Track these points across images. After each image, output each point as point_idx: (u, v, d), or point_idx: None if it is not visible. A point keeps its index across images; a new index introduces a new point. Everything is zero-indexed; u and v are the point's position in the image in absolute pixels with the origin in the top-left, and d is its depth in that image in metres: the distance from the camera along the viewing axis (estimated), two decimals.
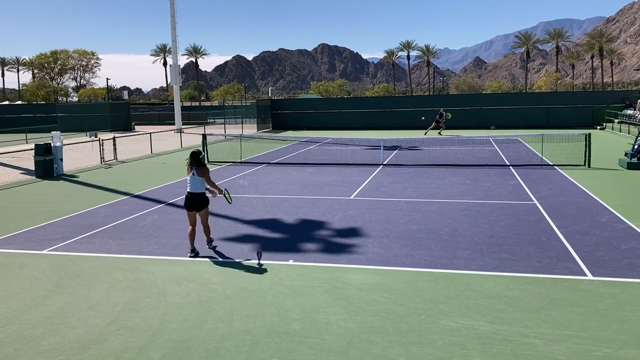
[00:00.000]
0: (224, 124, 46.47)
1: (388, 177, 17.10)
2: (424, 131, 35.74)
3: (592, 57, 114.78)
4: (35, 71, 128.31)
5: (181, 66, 45.24)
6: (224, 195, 9.14)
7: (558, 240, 9.28)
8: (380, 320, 6.11)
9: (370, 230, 10.24)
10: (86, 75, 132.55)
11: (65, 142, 21.43)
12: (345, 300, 6.75)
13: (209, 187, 9.00)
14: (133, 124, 49.47)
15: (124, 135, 36.92)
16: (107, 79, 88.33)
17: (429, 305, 6.51)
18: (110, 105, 49.05)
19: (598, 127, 37.34)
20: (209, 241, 9.22)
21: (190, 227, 8.84)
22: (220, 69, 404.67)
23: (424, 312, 6.31)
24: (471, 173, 17.53)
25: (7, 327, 6.14)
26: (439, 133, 34.72)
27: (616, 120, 35.57)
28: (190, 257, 8.66)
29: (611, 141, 27.86)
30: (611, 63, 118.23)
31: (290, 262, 8.37)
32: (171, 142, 32.13)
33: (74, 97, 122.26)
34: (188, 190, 8.84)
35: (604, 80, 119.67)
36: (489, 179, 16.29)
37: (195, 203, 8.79)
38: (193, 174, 8.77)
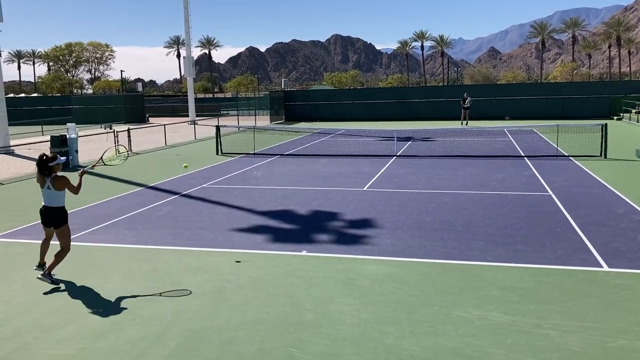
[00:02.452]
0: (237, 115, 46.47)
1: (401, 168, 17.05)
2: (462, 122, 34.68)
3: (609, 47, 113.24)
4: (51, 64, 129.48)
5: (194, 58, 45.38)
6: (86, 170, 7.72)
7: (573, 232, 9.20)
8: (394, 311, 6.11)
9: (383, 221, 10.22)
10: (100, 67, 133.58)
11: (80, 133, 21.62)
12: (358, 290, 6.76)
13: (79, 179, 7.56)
14: (147, 115, 49.74)
15: (138, 127, 37.16)
16: (121, 71, 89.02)
17: (443, 296, 6.50)
18: (124, 97, 49.42)
19: (615, 118, 36.83)
20: (49, 269, 7.22)
21: (45, 238, 7.55)
22: (233, 60, 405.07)
23: (438, 303, 6.30)
24: (485, 164, 17.41)
25: (25, 316, 6.24)
26: (466, 123, 33.90)
27: (634, 111, 35.04)
28: (36, 269, 7.46)
29: (628, 132, 27.49)
30: (629, 52, 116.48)
31: (304, 252, 8.40)
32: (185, 133, 32.29)
33: (89, 89, 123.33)
34: (43, 203, 7.24)
35: (622, 70, 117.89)
36: (503, 170, 16.17)
37: (52, 218, 7.23)
38: (48, 187, 7.13)
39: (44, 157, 7.16)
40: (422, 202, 11.89)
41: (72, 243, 9.32)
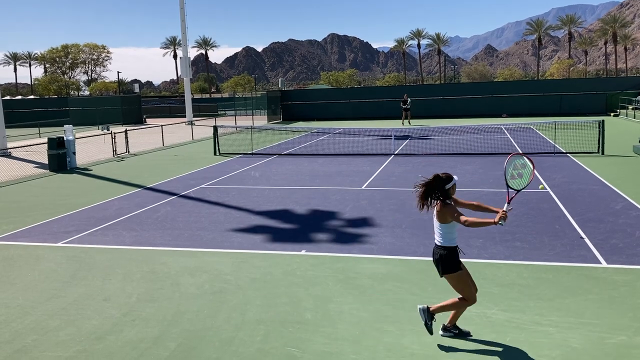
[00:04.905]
0: (235, 115, 46.50)
1: (399, 166, 17.05)
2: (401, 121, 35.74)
3: (605, 43, 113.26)
4: (47, 66, 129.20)
5: (191, 58, 45.31)
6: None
7: (571, 228, 9.21)
8: (393, 309, 6.12)
9: (382, 220, 10.23)
10: (97, 68, 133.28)
11: (77, 135, 21.59)
12: (357, 289, 6.76)
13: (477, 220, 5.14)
14: (144, 116, 49.66)
15: (135, 128, 37.09)
16: (118, 72, 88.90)
17: (442, 294, 6.50)
18: (121, 99, 49.28)
19: (612, 114, 36.88)
20: (450, 321, 5.50)
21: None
22: (230, 60, 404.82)
23: (437, 301, 6.29)
24: (483, 161, 17.43)
25: (24, 318, 6.23)
26: (409, 123, 34.93)
27: (630, 107, 35.11)
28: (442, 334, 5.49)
29: (625, 128, 27.54)
30: (625, 48, 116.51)
31: (303, 252, 8.40)
32: (182, 134, 32.26)
33: (86, 91, 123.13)
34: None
35: (618, 66, 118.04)
36: (501, 167, 16.15)
37: (437, 260, 5.27)
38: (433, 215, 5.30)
39: (441, 177, 5.19)
40: None
41: (72, 245, 9.31)
